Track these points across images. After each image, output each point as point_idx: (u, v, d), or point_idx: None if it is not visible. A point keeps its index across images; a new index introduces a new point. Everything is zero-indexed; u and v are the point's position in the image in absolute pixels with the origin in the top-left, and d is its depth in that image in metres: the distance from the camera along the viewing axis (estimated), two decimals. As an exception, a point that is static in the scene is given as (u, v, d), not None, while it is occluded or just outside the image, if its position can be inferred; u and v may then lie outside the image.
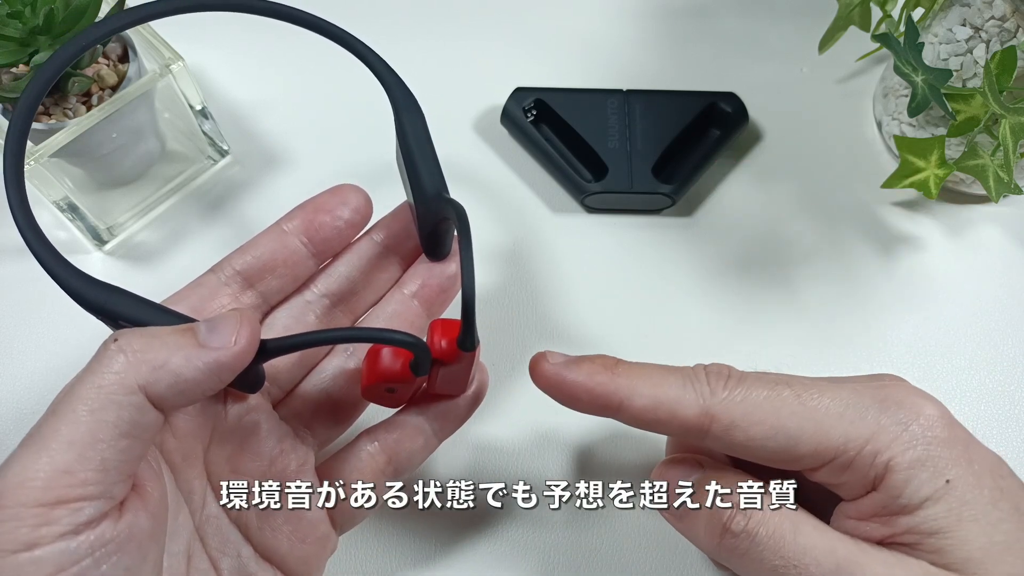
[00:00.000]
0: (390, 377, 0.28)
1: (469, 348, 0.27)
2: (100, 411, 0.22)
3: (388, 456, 0.30)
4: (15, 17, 0.34)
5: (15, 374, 0.38)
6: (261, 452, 0.29)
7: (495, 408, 0.37)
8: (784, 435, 0.26)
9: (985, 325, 0.40)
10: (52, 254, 0.26)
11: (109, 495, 0.22)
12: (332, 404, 0.31)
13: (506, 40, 0.47)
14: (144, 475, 0.24)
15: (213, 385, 0.24)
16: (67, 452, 0.21)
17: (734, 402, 0.26)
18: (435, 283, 0.32)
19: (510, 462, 0.36)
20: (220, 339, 0.23)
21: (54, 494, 0.21)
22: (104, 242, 0.40)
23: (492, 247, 0.41)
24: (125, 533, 0.22)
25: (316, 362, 0.32)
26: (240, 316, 0.24)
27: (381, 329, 0.31)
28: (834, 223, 0.42)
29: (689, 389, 0.27)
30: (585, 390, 0.27)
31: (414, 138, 0.30)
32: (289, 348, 0.26)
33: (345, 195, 0.31)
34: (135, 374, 0.22)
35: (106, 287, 0.26)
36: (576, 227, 0.42)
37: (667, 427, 0.27)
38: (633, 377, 0.27)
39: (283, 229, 0.31)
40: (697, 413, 0.26)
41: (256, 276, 0.30)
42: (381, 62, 0.30)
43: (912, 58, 0.35)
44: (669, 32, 0.48)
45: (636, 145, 0.41)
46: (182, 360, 0.23)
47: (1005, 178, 0.35)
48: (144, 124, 0.39)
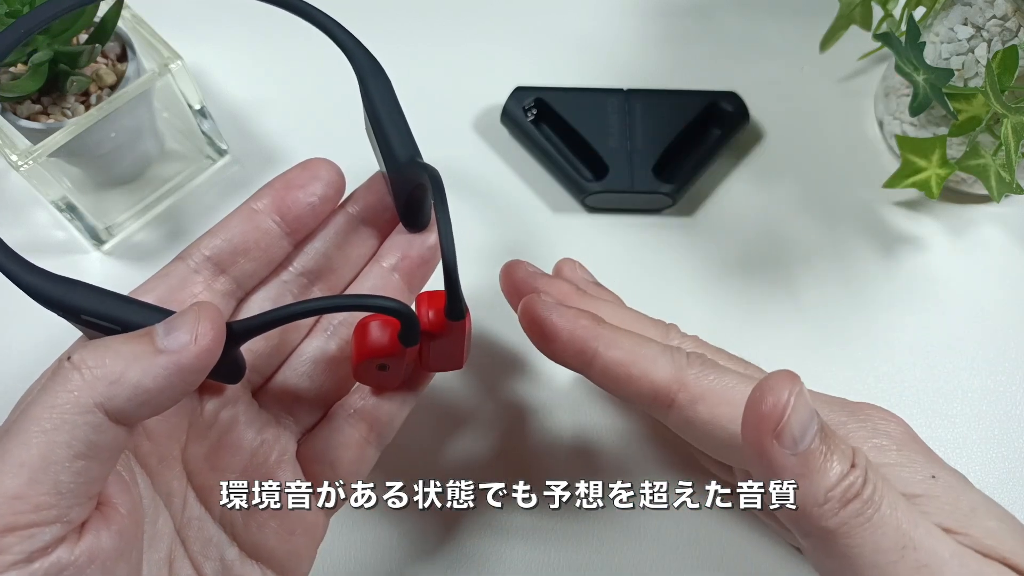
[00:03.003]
0: (379, 351, 0.27)
1: (457, 317, 0.26)
2: (52, 432, 0.21)
3: (368, 423, 0.29)
4: (13, 16, 0.34)
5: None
6: (241, 445, 0.28)
7: (496, 408, 0.37)
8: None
9: (986, 325, 0.40)
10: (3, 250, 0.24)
11: (65, 519, 0.21)
12: (314, 387, 0.30)
13: (506, 40, 0.47)
14: (111, 490, 0.23)
15: (180, 390, 0.22)
16: (17, 476, 0.20)
17: (707, 378, 0.27)
18: (415, 254, 0.31)
19: (510, 462, 0.36)
20: (179, 340, 0.22)
21: (4, 521, 0.20)
22: (103, 242, 0.40)
23: (492, 247, 0.41)
24: (85, 556, 0.21)
25: (295, 345, 0.30)
26: (199, 310, 0.23)
27: (358, 295, 0.30)
28: (835, 223, 0.42)
29: (667, 355, 0.27)
30: (567, 331, 0.27)
31: (382, 104, 0.28)
32: (258, 328, 0.24)
33: (317, 169, 0.29)
34: (90, 392, 0.21)
35: (64, 280, 0.24)
36: (576, 227, 0.42)
37: (635, 387, 0.27)
38: (615, 332, 0.28)
39: (253, 209, 0.29)
40: (668, 377, 0.27)
41: (228, 260, 0.29)
42: (340, 28, 0.29)
43: (913, 57, 0.35)
44: (670, 31, 0.48)
45: (637, 144, 0.41)
46: (139, 371, 0.22)
47: (1007, 178, 0.35)
48: (143, 123, 0.39)
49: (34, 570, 0.20)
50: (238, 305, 0.30)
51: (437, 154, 0.30)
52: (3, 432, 0.22)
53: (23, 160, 0.35)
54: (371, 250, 0.32)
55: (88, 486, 0.22)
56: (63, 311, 0.24)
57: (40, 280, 0.24)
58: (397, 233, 0.32)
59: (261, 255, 0.29)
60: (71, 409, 0.21)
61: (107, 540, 0.22)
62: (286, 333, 0.30)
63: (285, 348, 0.30)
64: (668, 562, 0.34)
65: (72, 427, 0.21)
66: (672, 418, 0.27)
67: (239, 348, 0.25)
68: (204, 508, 0.28)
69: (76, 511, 0.21)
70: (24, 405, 0.22)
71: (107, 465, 0.22)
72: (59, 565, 0.21)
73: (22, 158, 0.35)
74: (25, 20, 0.27)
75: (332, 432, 0.29)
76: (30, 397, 0.24)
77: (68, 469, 0.21)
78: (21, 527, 0.20)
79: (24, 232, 0.41)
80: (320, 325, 0.31)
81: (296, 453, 0.29)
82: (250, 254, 0.29)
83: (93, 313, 0.24)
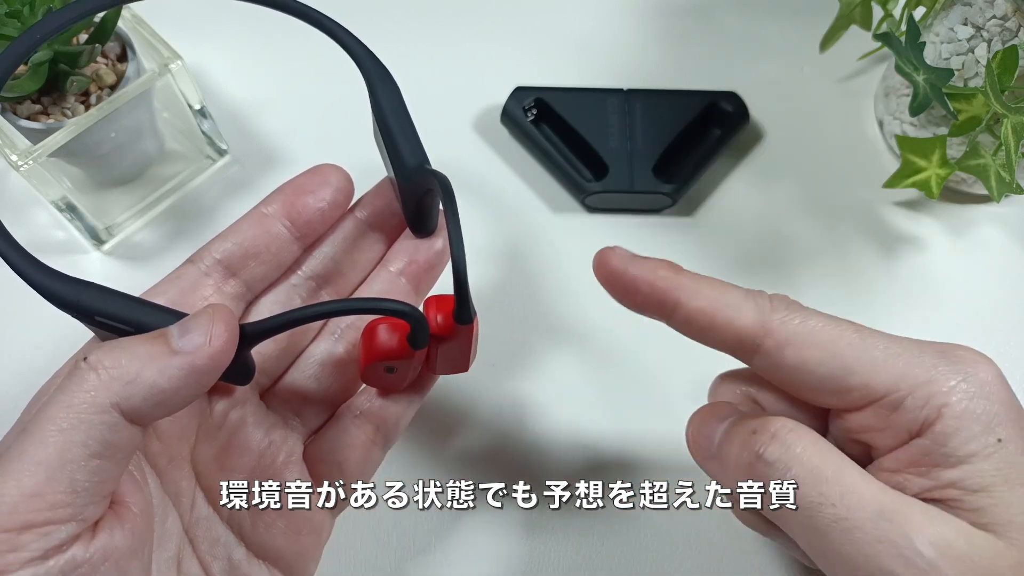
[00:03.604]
0: (388, 354, 0.27)
1: (466, 321, 0.26)
2: (69, 431, 0.21)
3: (375, 424, 0.29)
4: (14, 16, 0.34)
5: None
6: (249, 446, 0.28)
7: (496, 408, 0.37)
8: (838, 363, 0.26)
9: (987, 325, 0.40)
10: (19, 252, 0.24)
11: (80, 517, 0.21)
12: (321, 389, 0.30)
13: (506, 40, 0.47)
14: (124, 489, 0.24)
15: (194, 391, 0.23)
16: (34, 475, 0.21)
17: (793, 322, 0.26)
18: (422, 259, 0.31)
19: (510, 462, 0.36)
20: (193, 341, 0.23)
21: (21, 519, 0.20)
22: (103, 242, 0.40)
23: (492, 247, 0.41)
24: (100, 554, 0.22)
25: (303, 348, 0.31)
26: (213, 312, 0.23)
27: (369, 299, 0.30)
28: (835, 223, 0.42)
29: (751, 301, 0.27)
30: (647, 283, 0.27)
31: (390, 110, 0.29)
32: (271, 330, 0.24)
33: (326, 175, 0.30)
34: (107, 392, 0.22)
35: (77, 282, 0.24)
36: (576, 227, 0.42)
37: (720, 334, 0.27)
38: (696, 280, 0.27)
39: (264, 213, 0.29)
40: (753, 323, 0.26)
41: (238, 264, 0.29)
42: (349, 35, 0.29)
43: (913, 57, 0.35)
44: (670, 31, 0.48)
45: (637, 144, 0.41)
46: (155, 371, 0.22)
47: (1007, 178, 0.35)
48: (143, 123, 0.39)
49: (49, 567, 0.21)
50: (247, 308, 0.30)
51: (437, 154, 0.30)
52: (20, 431, 0.22)
53: (23, 160, 0.35)
54: (379, 254, 0.32)
55: (103, 485, 0.22)
56: (77, 313, 0.24)
57: (55, 282, 0.24)
58: (404, 238, 0.32)
59: (271, 259, 0.29)
60: (88, 409, 0.21)
61: (120, 538, 0.22)
62: (294, 336, 0.30)
63: (293, 350, 0.30)
64: (668, 562, 0.34)
65: (88, 426, 0.21)
66: (758, 363, 0.27)
67: (250, 350, 0.26)
68: (212, 508, 0.28)
69: (91, 509, 0.22)
70: (40, 404, 0.22)
71: (121, 464, 0.23)
72: (74, 563, 0.21)
73: (22, 158, 0.35)
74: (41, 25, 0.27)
75: (339, 433, 0.29)
76: (45, 397, 0.24)
77: (84, 468, 0.21)
78: (38, 525, 0.21)
79: (24, 232, 0.41)
80: (328, 328, 0.31)
81: (303, 454, 0.30)
82: (260, 258, 0.29)
83: (107, 314, 0.24)
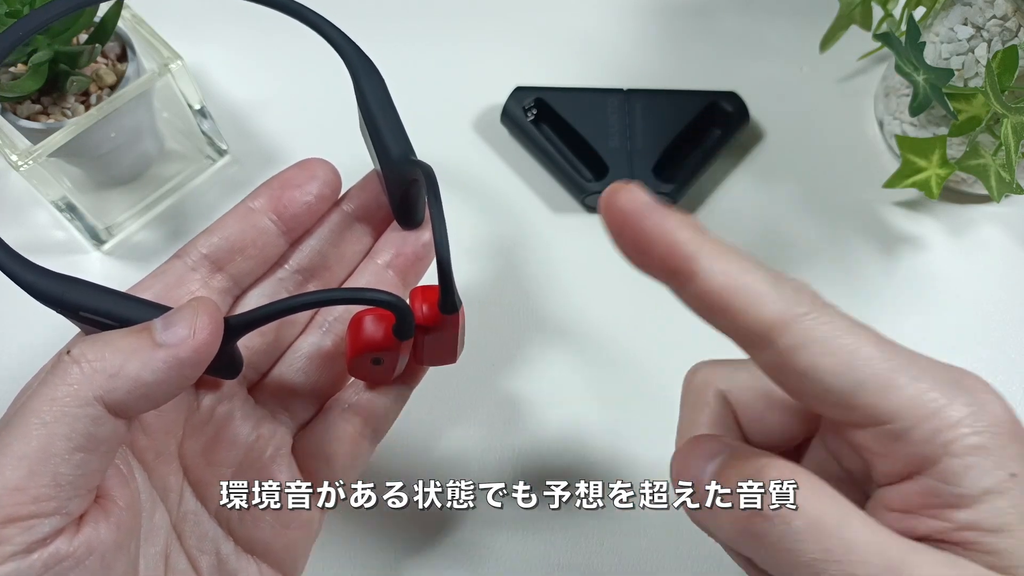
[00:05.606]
0: (374, 345, 0.27)
1: (451, 310, 0.26)
2: (52, 424, 0.21)
3: (363, 417, 0.29)
4: (13, 16, 0.34)
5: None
6: (237, 440, 0.28)
7: (495, 408, 0.37)
8: (851, 376, 0.23)
9: (987, 325, 0.40)
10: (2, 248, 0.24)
11: (64, 511, 0.21)
12: (309, 382, 0.30)
13: (506, 40, 0.47)
14: (110, 483, 0.23)
15: (178, 384, 0.23)
16: (17, 468, 0.21)
17: (815, 323, 0.23)
18: (409, 251, 0.31)
19: (510, 462, 0.36)
20: (177, 334, 0.22)
21: (3, 512, 0.20)
22: (102, 242, 0.40)
23: (492, 247, 0.41)
24: (84, 548, 0.21)
25: (291, 341, 0.31)
26: (197, 305, 0.23)
27: (353, 288, 0.30)
28: (835, 223, 0.42)
29: (777, 290, 0.23)
30: (665, 244, 0.23)
31: (375, 101, 0.28)
32: (255, 322, 0.24)
33: (314, 169, 0.30)
34: (90, 385, 0.21)
35: (62, 278, 0.24)
36: (576, 227, 0.42)
37: (733, 320, 0.23)
38: (721, 251, 0.23)
39: (250, 207, 0.29)
40: (773, 316, 0.23)
41: (225, 258, 0.29)
42: (333, 28, 0.29)
43: (913, 57, 0.35)
44: (670, 31, 0.48)
45: (637, 144, 0.41)
46: (139, 364, 0.22)
47: (1007, 178, 0.35)
48: (142, 123, 0.39)
49: (33, 561, 0.21)
50: (234, 302, 0.30)
51: (437, 154, 0.30)
52: (3, 425, 0.22)
53: (23, 160, 0.35)
54: (366, 247, 0.32)
55: (87, 478, 0.22)
56: (62, 308, 0.24)
57: (39, 278, 0.24)
58: (392, 230, 0.32)
59: (257, 253, 0.29)
60: (71, 402, 0.21)
61: (105, 532, 0.22)
62: (281, 329, 0.30)
63: (280, 344, 0.30)
64: (668, 562, 0.34)
65: (72, 420, 0.21)
66: (762, 359, 0.24)
67: (236, 343, 0.25)
68: (200, 503, 0.28)
69: (75, 503, 0.22)
70: (24, 399, 0.22)
71: (106, 458, 0.22)
72: (57, 556, 0.21)
73: (22, 158, 0.35)
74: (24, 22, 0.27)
75: (327, 427, 0.29)
76: (29, 391, 0.24)
77: (67, 461, 0.21)
78: (21, 518, 0.21)
79: (24, 232, 0.41)
80: (315, 321, 0.31)
81: (291, 448, 0.29)
82: (247, 252, 0.29)
83: (91, 309, 0.24)
